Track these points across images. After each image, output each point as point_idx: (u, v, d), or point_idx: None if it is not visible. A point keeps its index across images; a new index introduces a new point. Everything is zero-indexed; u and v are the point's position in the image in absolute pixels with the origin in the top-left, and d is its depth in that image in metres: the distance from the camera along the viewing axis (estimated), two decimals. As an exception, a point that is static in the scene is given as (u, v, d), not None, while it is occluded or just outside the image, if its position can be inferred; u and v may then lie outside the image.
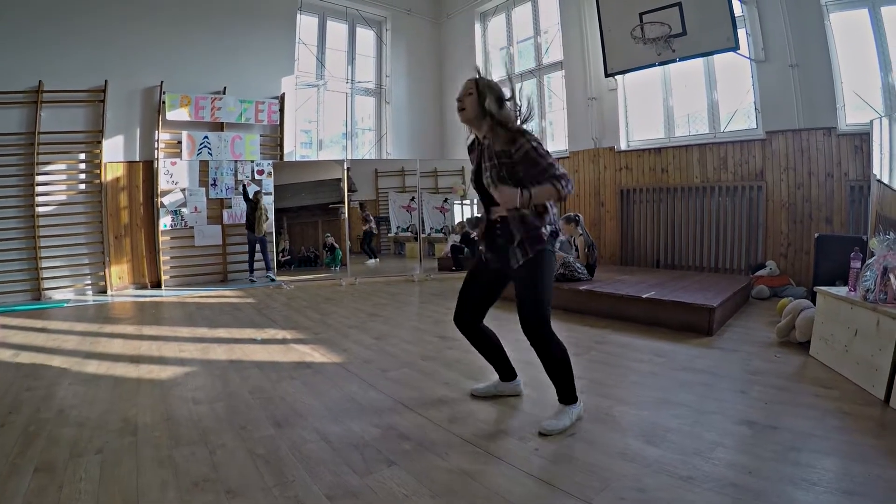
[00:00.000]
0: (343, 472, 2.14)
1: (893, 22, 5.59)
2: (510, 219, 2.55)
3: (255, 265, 8.48)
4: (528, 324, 2.53)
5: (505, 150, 2.49)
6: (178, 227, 8.20)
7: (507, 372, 3.00)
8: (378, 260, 9.14)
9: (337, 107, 10.40)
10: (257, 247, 8.39)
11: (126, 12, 7.66)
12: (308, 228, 8.73)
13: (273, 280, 8.23)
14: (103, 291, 7.57)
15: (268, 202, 8.45)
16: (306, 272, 8.52)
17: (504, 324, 3.23)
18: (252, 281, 8.25)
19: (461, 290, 2.87)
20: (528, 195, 2.38)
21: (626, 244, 7.92)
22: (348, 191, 8.39)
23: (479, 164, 2.67)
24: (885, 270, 2.91)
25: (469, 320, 2.87)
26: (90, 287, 7.55)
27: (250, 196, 8.30)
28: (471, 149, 2.82)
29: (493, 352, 2.96)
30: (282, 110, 9.03)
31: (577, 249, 5.86)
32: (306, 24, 9.67)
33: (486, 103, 2.53)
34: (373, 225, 9.07)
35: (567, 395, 2.60)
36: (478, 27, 10.55)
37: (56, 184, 7.30)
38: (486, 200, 2.67)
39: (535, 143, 2.47)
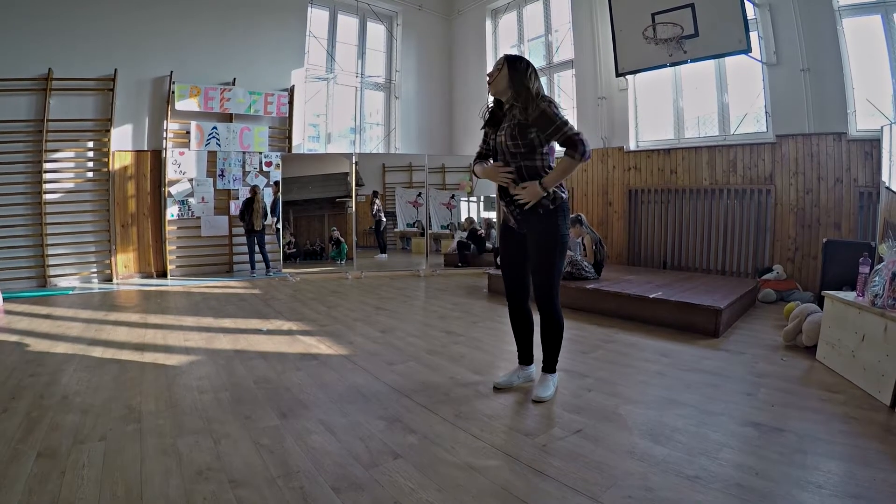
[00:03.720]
0: (349, 464, 2.14)
1: (907, 28, 5.56)
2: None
3: (256, 265, 8.50)
4: (543, 291, 2.85)
5: (523, 111, 2.75)
6: (185, 216, 8.22)
7: (527, 356, 3.19)
8: (385, 256, 9.16)
9: (346, 101, 10.39)
10: (256, 247, 8.41)
11: (137, 1, 7.68)
12: (314, 221, 8.74)
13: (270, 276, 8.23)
14: (109, 280, 7.61)
15: (267, 194, 8.48)
16: (312, 265, 8.53)
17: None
18: (253, 275, 8.25)
19: (502, 270, 3.13)
20: (549, 189, 2.76)
21: (633, 244, 7.90)
22: (356, 185, 8.39)
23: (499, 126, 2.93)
24: (894, 276, 2.89)
25: (517, 295, 3.08)
26: (96, 275, 7.58)
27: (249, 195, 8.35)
28: (491, 117, 3.04)
29: (524, 335, 3.17)
30: (291, 103, 9.04)
31: (584, 248, 5.84)
32: (317, 18, 9.67)
33: (514, 77, 2.79)
34: (381, 215, 9.05)
35: (552, 364, 2.98)
36: (489, 24, 10.52)
37: (64, 171, 7.33)
38: (503, 159, 2.91)
39: (549, 104, 2.73)
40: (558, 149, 2.82)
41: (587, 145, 2.71)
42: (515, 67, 2.79)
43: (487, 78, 2.92)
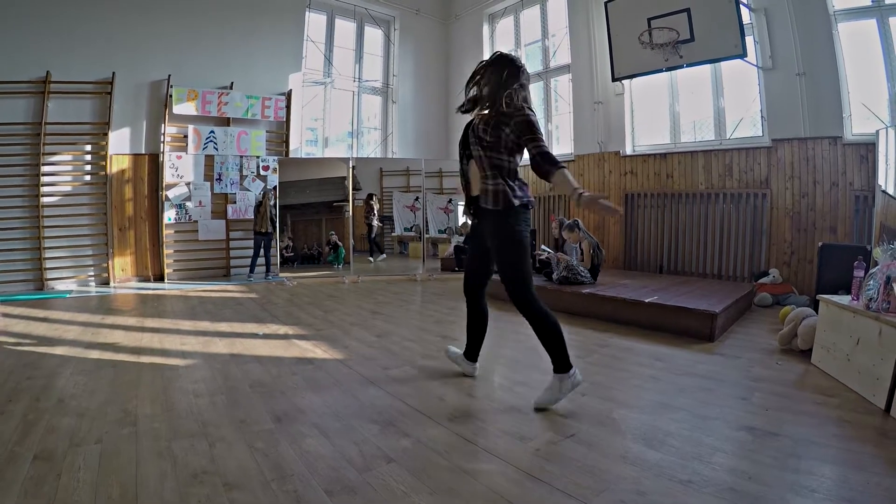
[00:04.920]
0: (342, 468, 2.14)
1: (902, 33, 5.59)
2: (483, 191, 2.91)
3: (257, 268, 8.48)
4: (515, 294, 2.87)
5: (506, 114, 2.79)
6: (182, 220, 8.22)
7: (473, 353, 3.37)
8: (384, 256, 9.16)
9: (343, 105, 10.41)
10: (261, 250, 8.40)
11: (135, 5, 7.70)
12: (312, 226, 8.75)
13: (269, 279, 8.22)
14: (106, 283, 7.60)
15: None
16: (309, 269, 8.53)
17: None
18: (249, 280, 8.24)
19: (465, 264, 3.28)
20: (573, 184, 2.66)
21: (629, 249, 7.92)
22: (353, 189, 8.40)
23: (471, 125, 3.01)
24: (889, 280, 2.90)
25: (473, 288, 3.23)
26: (93, 278, 7.57)
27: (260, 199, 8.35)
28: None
29: (476, 331, 3.32)
30: (288, 107, 9.05)
31: (582, 253, 5.85)
32: (315, 22, 9.70)
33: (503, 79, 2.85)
34: (375, 219, 9.04)
35: (561, 363, 2.82)
36: (486, 29, 10.56)
37: (61, 174, 7.33)
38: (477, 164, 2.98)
39: (534, 118, 2.79)
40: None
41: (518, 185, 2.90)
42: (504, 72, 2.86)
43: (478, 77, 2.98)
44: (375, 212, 8.97)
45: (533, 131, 2.73)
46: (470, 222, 3.20)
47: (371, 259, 9.03)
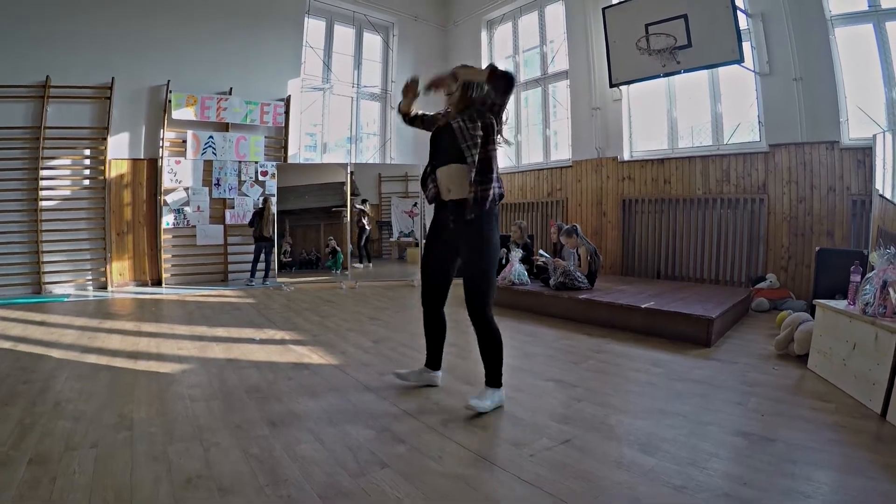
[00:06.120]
0: (336, 473, 2.14)
1: (898, 37, 5.61)
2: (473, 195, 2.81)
3: (257, 273, 8.50)
4: (475, 301, 2.82)
5: (473, 121, 2.82)
6: (180, 225, 8.23)
7: (436, 361, 3.25)
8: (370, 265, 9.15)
9: (342, 111, 10.44)
10: (261, 256, 8.40)
11: (135, 10, 7.74)
12: (310, 231, 8.75)
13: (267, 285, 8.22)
14: (104, 287, 7.60)
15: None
16: (307, 274, 8.53)
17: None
18: (249, 284, 8.24)
19: (422, 271, 3.13)
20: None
21: (627, 254, 7.93)
22: (351, 194, 8.40)
23: (444, 125, 3.01)
24: (885, 284, 2.90)
25: (433, 297, 3.11)
26: (91, 283, 7.58)
27: (261, 205, 8.36)
28: (434, 120, 3.22)
29: (435, 339, 3.22)
30: (287, 112, 9.08)
31: (579, 258, 5.85)
32: (314, 28, 9.74)
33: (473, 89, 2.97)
34: (366, 223, 9.04)
35: (494, 378, 2.88)
36: (484, 35, 10.59)
37: (60, 179, 7.34)
38: (445, 153, 2.95)
39: (497, 126, 2.84)
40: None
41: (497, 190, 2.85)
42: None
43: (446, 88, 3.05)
44: (366, 217, 8.98)
45: (485, 142, 2.80)
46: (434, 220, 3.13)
47: (360, 265, 9.04)
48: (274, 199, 8.34)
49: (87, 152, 7.55)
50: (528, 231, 7.82)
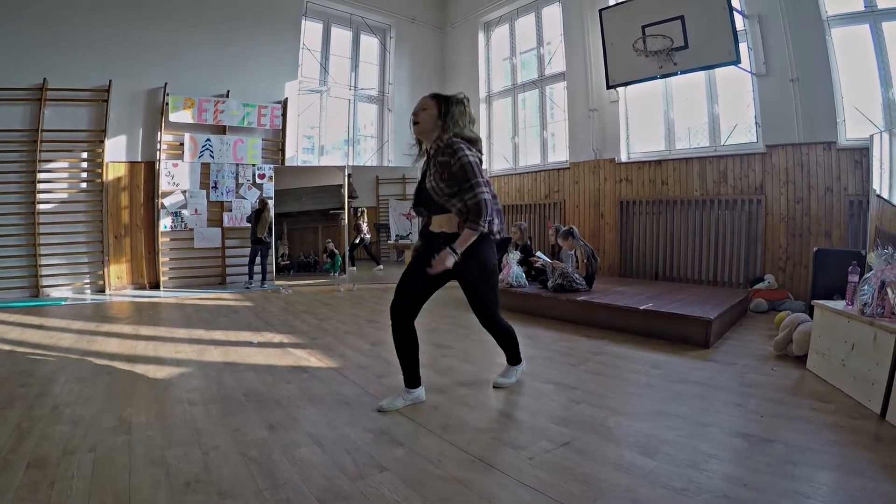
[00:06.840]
0: (335, 477, 2.13)
1: (894, 37, 5.63)
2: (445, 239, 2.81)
3: (255, 276, 8.48)
4: (484, 316, 3.06)
5: (446, 161, 2.72)
6: (177, 228, 8.21)
7: (414, 379, 3.02)
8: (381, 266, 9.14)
9: (339, 113, 10.45)
10: (257, 259, 8.38)
11: (132, 14, 7.73)
12: (308, 234, 8.75)
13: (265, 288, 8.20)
14: (102, 291, 7.59)
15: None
16: (305, 277, 8.52)
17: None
18: (247, 287, 8.23)
19: (400, 282, 2.95)
20: (456, 252, 2.71)
21: (625, 256, 7.93)
22: (349, 197, 8.40)
23: (424, 172, 2.89)
24: (883, 284, 2.90)
25: (406, 312, 2.92)
26: (89, 286, 7.57)
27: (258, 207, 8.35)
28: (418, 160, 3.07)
29: (410, 355, 2.99)
30: (284, 115, 9.07)
31: (577, 260, 5.85)
32: (311, 30, 9.74)
33: (445, 118, 2.79)
34: (365, 234, 9.01)
35: (514, 358, 3.32)
36: (481, 37, 10.60)
37: (57, 182, 7.34)
38: (428, 206, 2.91)
39: (472, 159, 2.69)
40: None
41: (493, 214, 2.75)
42: (448, 108, 2.80)
43: (413, 117, 2.88)
44: (363, 226, 8.95)
45: (467, 177, 2.69)
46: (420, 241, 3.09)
47: (354, 269, 9.03)
48: (271, 203, 8.33)
49: (85, 155, 7.54)
50: (528, 232, 7.82)
